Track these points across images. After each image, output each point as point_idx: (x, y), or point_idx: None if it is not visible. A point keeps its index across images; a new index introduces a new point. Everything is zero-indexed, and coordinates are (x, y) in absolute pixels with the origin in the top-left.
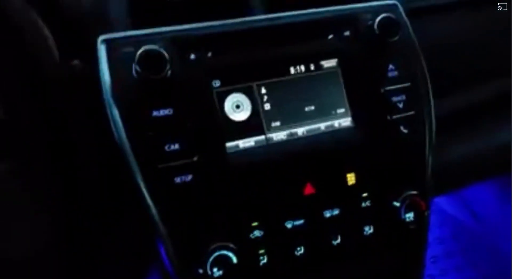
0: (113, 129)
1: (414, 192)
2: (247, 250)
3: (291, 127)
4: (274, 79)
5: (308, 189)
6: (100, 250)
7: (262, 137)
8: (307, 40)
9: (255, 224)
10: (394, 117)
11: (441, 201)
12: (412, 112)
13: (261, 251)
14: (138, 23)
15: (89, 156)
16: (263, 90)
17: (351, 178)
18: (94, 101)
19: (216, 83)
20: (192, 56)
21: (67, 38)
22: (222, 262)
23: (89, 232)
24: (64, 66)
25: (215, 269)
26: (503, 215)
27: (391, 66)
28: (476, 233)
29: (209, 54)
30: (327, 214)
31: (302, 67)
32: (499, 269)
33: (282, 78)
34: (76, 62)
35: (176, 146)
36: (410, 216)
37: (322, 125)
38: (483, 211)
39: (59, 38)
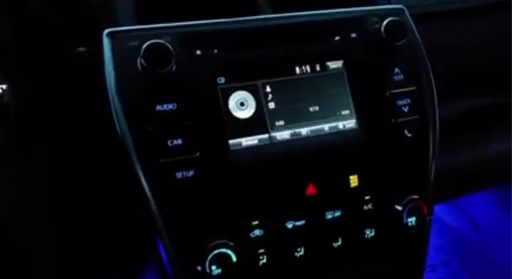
0: (116, 122)
1: (417, 197)
2: (246, 249)
3: (295, 127)
4: (280, 78)
5: (310, 190)
6: (97, 247)
7: (266, 135)
8: (314, 40)
9: (255, 223)
10: (399, 120)
11: (439, 210)
12: (417, 116)
13: (261, 251)
14: (145, 20)
15: (90, 144)
16: (268, 89)
17: (353, 180)
18: (99, 88)
19: (221, 80)
20: (198, 52)
21: (75, 27)
22: (221, 260)
23: (86, 226)
24: (70, 51)
25: (213, 267)
26: (501, 225)
27: (396, 70)
28: (474, 243)
29: (215, 51)
30: (329, 216)
31: (308, 67)
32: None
33: (288, 78)
34: (82, 49)
35: (179, 141)
36: (412, 220)
37: (326, 126)
38: (482, 221)
39: (67, 26)
